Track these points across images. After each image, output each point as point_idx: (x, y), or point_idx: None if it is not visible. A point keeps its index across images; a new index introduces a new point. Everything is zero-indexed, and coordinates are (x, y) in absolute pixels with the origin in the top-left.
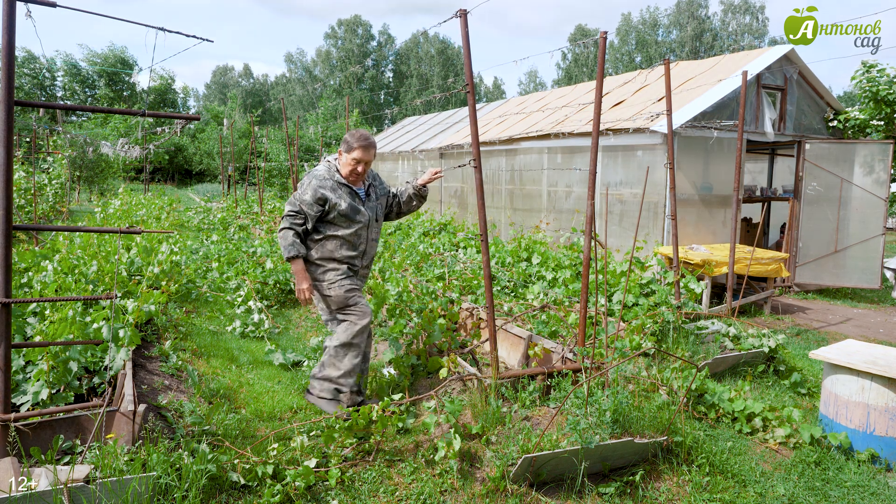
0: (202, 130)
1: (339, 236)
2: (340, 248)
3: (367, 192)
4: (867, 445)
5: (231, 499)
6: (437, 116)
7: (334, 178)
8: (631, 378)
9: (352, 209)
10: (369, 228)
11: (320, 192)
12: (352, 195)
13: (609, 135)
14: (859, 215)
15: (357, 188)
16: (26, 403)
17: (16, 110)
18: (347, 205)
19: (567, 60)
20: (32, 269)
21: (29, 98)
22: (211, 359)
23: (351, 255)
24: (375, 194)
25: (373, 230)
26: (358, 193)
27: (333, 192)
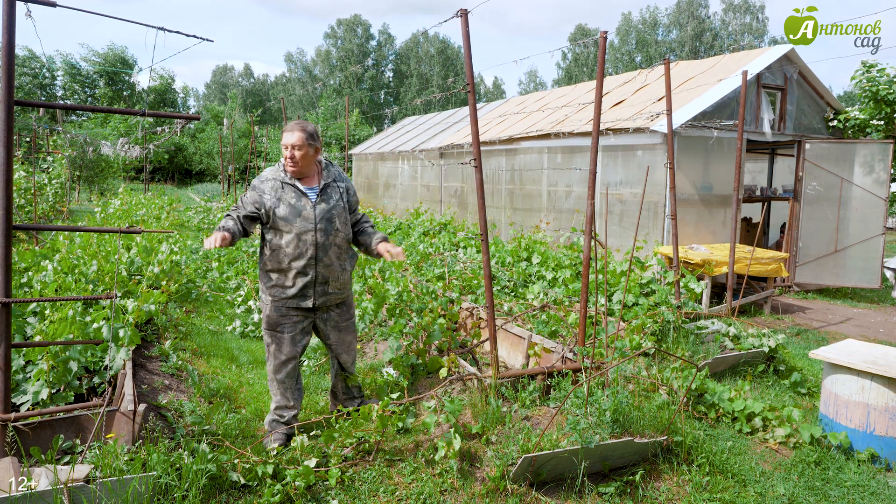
0: (202, 130)
1: (281, 244)
2: (284, 257)
3: (321, 191)
4: (867, 445)
5: (231, 498)
6: (437, 116)
7: (279, 178)
8: (631, 378)
9: (292, 211)
10: (318, 233)
11: (255, 193)
12: (298, 195)
13: (609, 134)
14: (859, 215)
15: (307, 187)
16: (26, 403)
17: (16, 110)
18: (287, 206)
19: (567, 60)
20: (32, 268)
21: (29, 98)
22: (211, 358)
23: (298, 266)
24: (336, 196)
25: (327, 235)
26: (306, 193)
27: (274, 192)
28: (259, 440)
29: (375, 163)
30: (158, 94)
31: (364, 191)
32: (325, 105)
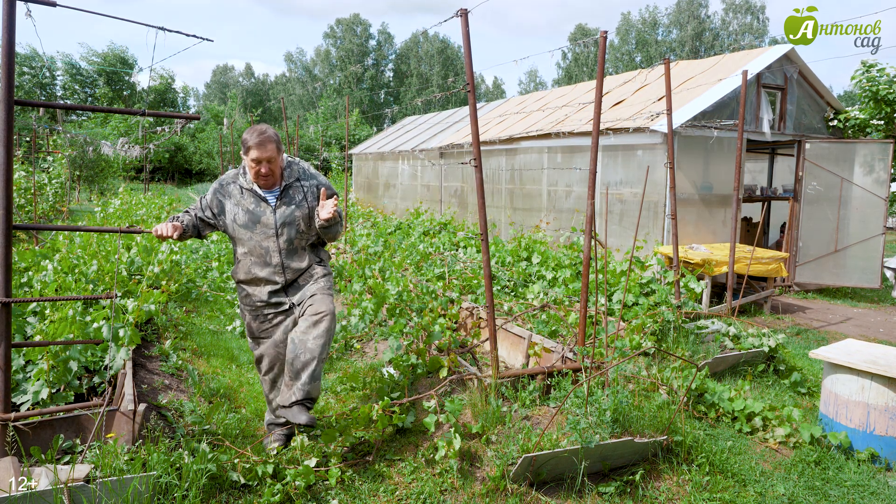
0: (202, 130)
1: (244, 252)
2: (251, 265)
3: (281, 193)
4: (867, 445)
5: (231, 498)
6: (438, 116)
7: (238, 182)
8: (631, 377)
9: (250, 217)
10: (281, 239)
11: (216, 197)
12: (257, 201)
13: (609, 134)
14: (859, 215)
15: (266, 191)
16: (26, 403)
17: (16, 109)
18: (246, 212)
19: (567, 60)
20: (32, 268)
21: (29, 97)
22: (211, 358)
23: (264, 274)
24: (298, 196)
25: (291, 241)
26: (265, 198)
27: (231, 197)
28: (259, 440)
29: (375, 163)
30: (158, 94)
31: (364, 191)
32: (325, 105)
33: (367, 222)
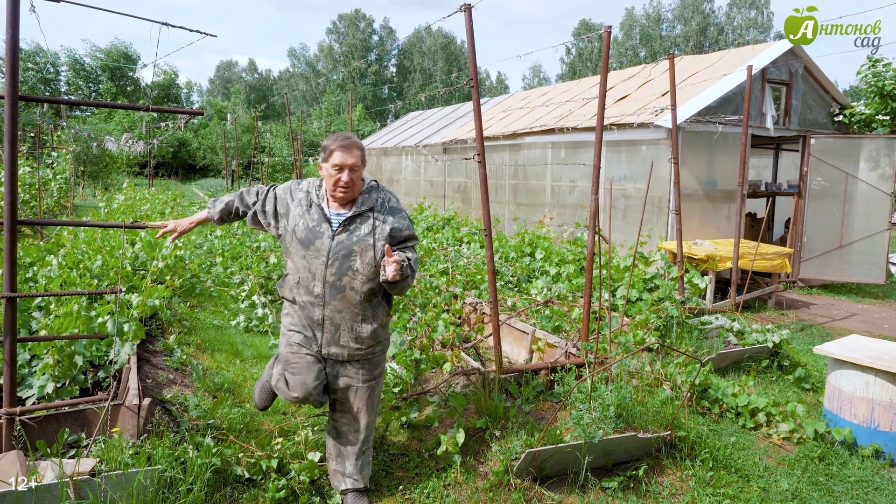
0: (206, 125)
1: (293, 269)
2: (295, 284)
3: (348, 220)
4: (871, 441)
5: (236, 492)
6: (441, 111)
7: (310, 195)
8: (634, 373)
9: (308, 234)
10: (329, 270)
11: (287, 195)
12: (321, 219)
13: (613, 130)
14: (864, 210)
15: (335, 211)
16: (32, 397)
17: (20, 105)
18: (306, 227)
19: (571, 55)
20: (37, 263)
21: (33, 93)
22: (215, 353)
23: (305, 299)
24: (365, 230)
25: (341, 275)
26: (329, 218)
27: (300, 205)
28: (263, 435)
29: (379, 158)
30: (162, 90)
31: None
32: (329, 100)
33: None
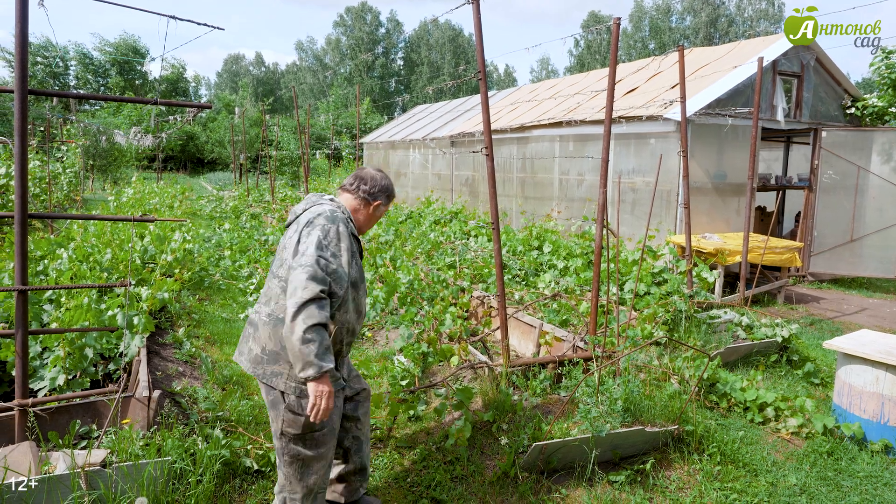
0: (214, 119)
1: (340, 318)
2: (345, 333)
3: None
4: (881, 436)
5: (245, 483)
6: (449, 104)
7: (351, 229)
8: (642, 367)
9: (360, 271)
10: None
11: (350, 245)
12: (360, 251)
13: (622, 122)
14: (876, 204)
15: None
16: (44, 389)
17: (30, 99)
18: (358, 266)
19: (580, 47)
20: (48, 256)
21: (42, 87)
22: (224, 346)
23: (349, 340)
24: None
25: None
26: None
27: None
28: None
29: (386, 151)
30: (170, 84)
31: None
32: (336, 93)
33: None
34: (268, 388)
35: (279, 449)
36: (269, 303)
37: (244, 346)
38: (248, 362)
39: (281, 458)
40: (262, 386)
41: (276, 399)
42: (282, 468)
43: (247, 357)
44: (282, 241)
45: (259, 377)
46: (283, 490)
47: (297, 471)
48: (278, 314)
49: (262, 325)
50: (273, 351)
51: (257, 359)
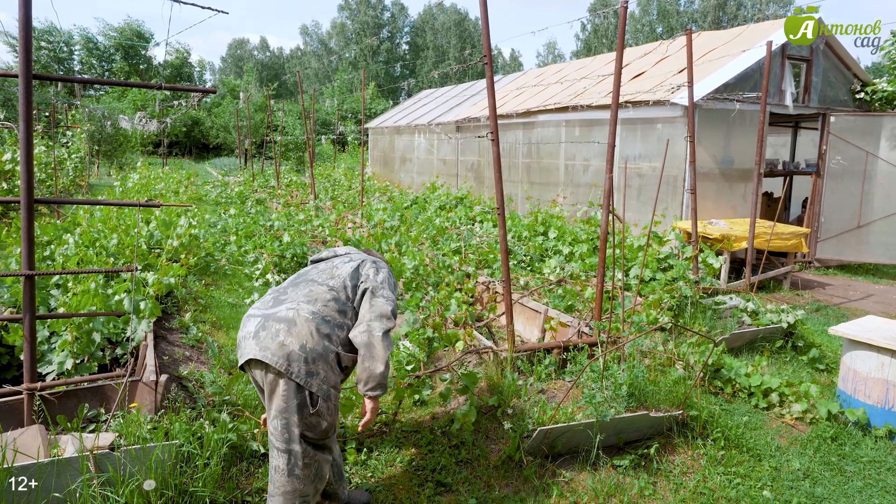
0: (218, 104)
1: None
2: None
3: None
4: (885, 421)
5: (252, 467)
6: (454, 89)
7: None
8: (647, 352)
9: None
10: None
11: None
12: None
13: (628, 107)
14: (884, 190)
15: None
16: (52, 373)
17: (34, 84)
18: None
19: (586, 31)
20: (54, 241)
21: (46, 72)
22: (230, 331)
23: None
24: None
25: None
26: None
27: None
28: None
29: (392, 136)
30: (175, 69)
31: (380, 165)
32: (341, 78)
33: (384, 196)
34: (297, 389)
35: (296, 453)
36: (315, 303)
37: (271, 341)
38: (279, 357)
39: (294, 462)
40: (289, 384)
41: (302, 401)
42: (292, 472)
43: (276, 352)
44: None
45: (291, 375)
46: (291, 496)
47: (311, 473)
48: (325, 315)
49: (304, 321)
50: (314, 350)
51: (293, 356)
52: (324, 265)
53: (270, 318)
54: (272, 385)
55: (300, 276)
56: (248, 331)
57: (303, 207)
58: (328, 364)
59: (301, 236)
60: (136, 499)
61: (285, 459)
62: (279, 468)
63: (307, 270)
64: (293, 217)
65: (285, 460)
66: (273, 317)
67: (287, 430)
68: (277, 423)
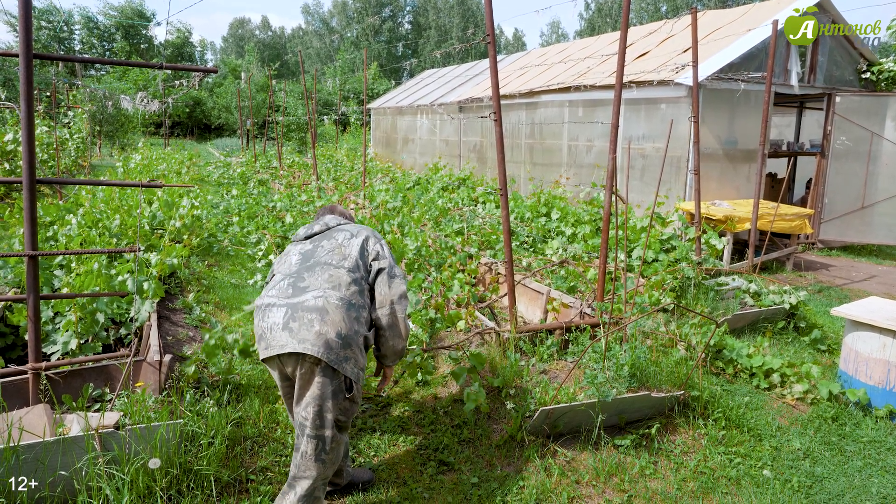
0: (220, 84)
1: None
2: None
3: None
4: (886, 402)
5: (256, 446)
6: (457, 69)
7: None
8: (649, 333)
9: None
10: None
11: None
12: None
13: (632, 87)
14: (889, 171)
15: None
16: (56, 353)
17: (35, 63)
18: None
19: (590, 10)
20: (57, 222)
21: (47, 51)
22: (233, 311)
23: None
24: None
25: None
26: None
27: None
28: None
29: (394, 117)
30: (176, 49)
31: (382, 146)
32: (343, 58)
33: (386, 177)
34: (333, 375)
35: (327, 438)
36: (339, 288)
37: (307, 332)
38: (319, 346)
39: (323, 447)
40: (326, 371)
41: (338, 388)
42: (320, 457)
43: (315, 342)
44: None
45: (331, 362)
46: (316, 479)
47: (335, 456)
48: (350, 299)
49: (335, 308)
50: (347, 336)
51: (331, 343)
52: (328, 243)
53: (300, 308)
54: (308, 374)
55: (308, 256)
56: (275, 322)
57: (305, 188)
58: (359, 347)
59: (304, 217)
60: (142, 477)
61: (314, 444)
62: (307, 454)
63: (313, 250)
64: (295, 198)
65: (314, 445)
66: (302, 306)
67: (320, 417)
68: (311, 409)
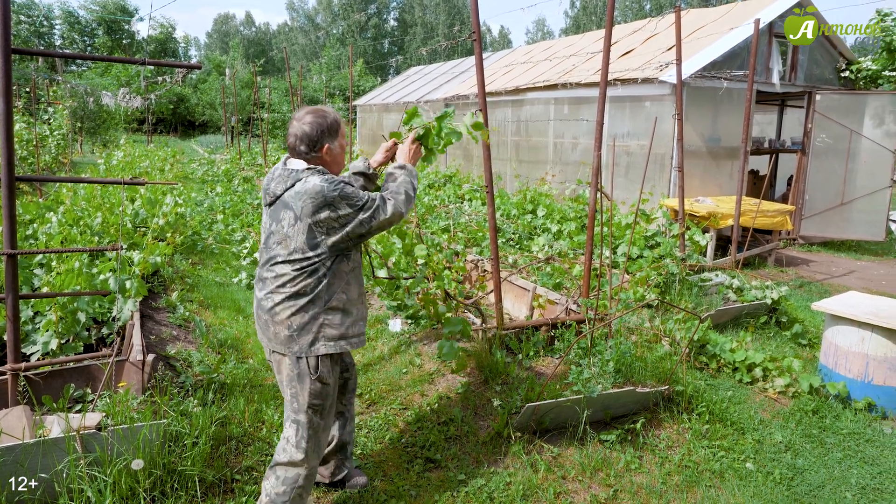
0: (204, 81)
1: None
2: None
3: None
4: (864, 394)
5: (241, 445)
6: (443, 66)
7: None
8: (634, 329)
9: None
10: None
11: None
12: None
13: (617, 85)
14: (867, 168)
15: None
16: (36, 353)
17: (14, 58)
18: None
19: (575, 8)
20: (37, 220)
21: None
22: (218, 310)
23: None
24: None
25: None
26: None
27: None
28: (267, 389)
29: (380, 114)
30: (159, 44)
31: (368, 143)
32: (329, 55)
33: None
34: (295, 361)
35: (302, 423)
36: (285, 285)
37: (263, 332)
38: (276, 344)
39: (301, 433)
40: (290, 360)
41: (302, 371)
42: (300, 444)
43: (273, 340)
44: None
45: (293, 353)
46: (298, 466)
47: (315, 443)
48: (297, 290)
49: (283, 308)
50: (301, 324)
51: (284, 338)
52: (276, 226)
53: (259, 308)
54: (278, 361)
55: (266, 235)
56: (254, 308)
57: None
58: (320, 324)
59: None
60: (125, 478)
61: (294, 429)
62: (290, 439)
63: (269, 227)
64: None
65: (294, 430)
66: (259, 305)
67: (296, 400)
68: (287, 393)
